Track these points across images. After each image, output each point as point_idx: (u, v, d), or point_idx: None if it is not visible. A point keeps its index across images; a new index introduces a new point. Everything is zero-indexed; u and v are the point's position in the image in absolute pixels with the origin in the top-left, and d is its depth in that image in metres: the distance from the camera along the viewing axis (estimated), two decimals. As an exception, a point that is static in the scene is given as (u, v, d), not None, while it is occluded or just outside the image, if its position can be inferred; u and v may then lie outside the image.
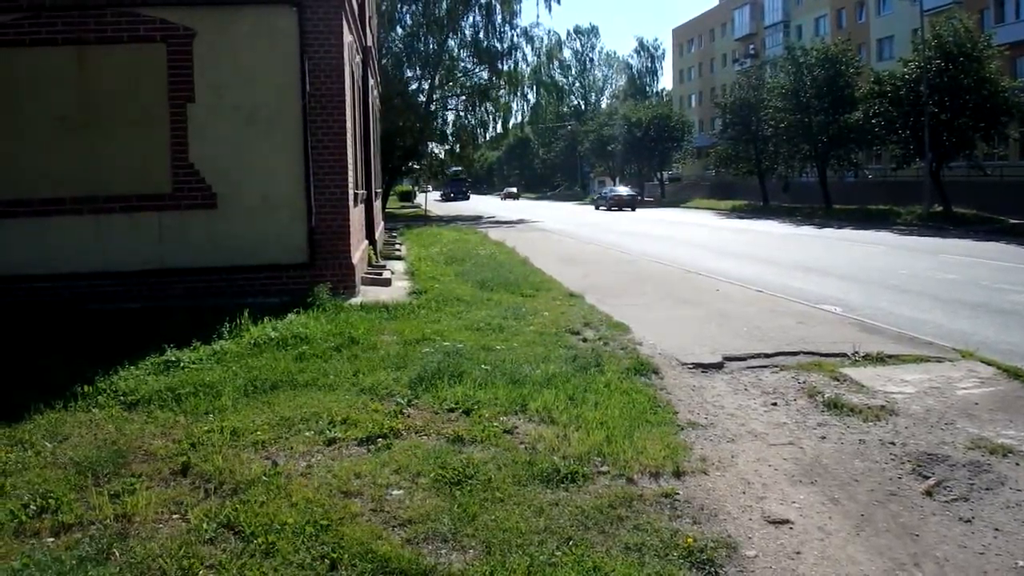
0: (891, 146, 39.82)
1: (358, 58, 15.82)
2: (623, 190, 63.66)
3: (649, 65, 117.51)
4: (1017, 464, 5.53)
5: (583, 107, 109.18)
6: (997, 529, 4.58)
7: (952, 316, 11.98)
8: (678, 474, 5.24)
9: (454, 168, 72.42)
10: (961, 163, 37.30)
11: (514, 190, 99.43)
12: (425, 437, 5.83)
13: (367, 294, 12.09)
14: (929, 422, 6.48)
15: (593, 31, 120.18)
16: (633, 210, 55.82)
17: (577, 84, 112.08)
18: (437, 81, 46.68)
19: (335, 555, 4.02)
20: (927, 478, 5.30)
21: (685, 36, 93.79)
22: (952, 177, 38.34)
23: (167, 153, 10.93)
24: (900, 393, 7.30)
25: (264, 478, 4.96)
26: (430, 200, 61.62)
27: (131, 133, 10.87)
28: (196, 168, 11.00)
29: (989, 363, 8.35)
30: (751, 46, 75.40)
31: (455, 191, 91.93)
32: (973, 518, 4.73)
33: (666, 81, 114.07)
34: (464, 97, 48.84)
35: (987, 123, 34.12)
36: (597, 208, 60.90)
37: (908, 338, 9.76)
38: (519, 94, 49.29)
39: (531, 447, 5.61)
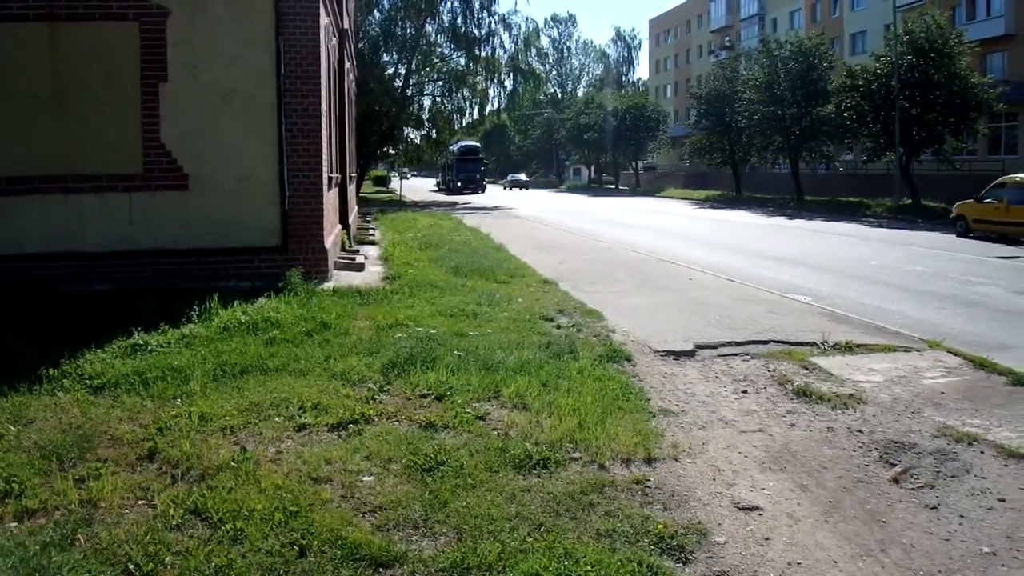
0: (862, 139, 40.11)
1: (334, 41, 15.68)
2: (522, 176, 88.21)
3: (626, 55, 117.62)
4: (982, 452, 5.60)
5: (560, 95, 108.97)
6: (962, 516, 4.64)
7: (920, 307, 12.10)
8: (649, 461, 5.27)
9: (463, 142, 65.30)
10: (930, 157, 37.65)
11: (522, 177, 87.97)
12: (397, 423, 5.80)
13: (340, 279, 12.03)
14: (896, 410, 6.55)
15: (571, 19, 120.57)
16: (526, 189, 78.99)
17: (554, 72, 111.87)
18: (414, 66, 46.37)
19: (304, 542, 3.99)
20: (894, 465, 5.36)
21: (662, 27, 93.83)
22: (921, 170, 38.73)
23: (139, 133, 10.79)
24: (868, 382, 7.38)
25: (233, 464, 4.92)
26: (423, 190, 65.23)
27: (103, 112, 10.71)
28: (168, 149, 10.86)
29: (955, 353, 8.46)
30: (727, 38, 75.61)
31: (465, 178, 67.18)
32: (939, 505, 4.79)
33: (642, 71, 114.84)
34: (441, 83, 48.54)
35: (956, 118, 34.43)
36: (504, 189, 79.41)
37: (876, 328, 9.86)
38: (496, 80, 49.08)
39: (504, 433, 5.61)
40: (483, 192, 65.68)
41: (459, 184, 67.23)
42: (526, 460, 5.08)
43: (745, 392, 7.04)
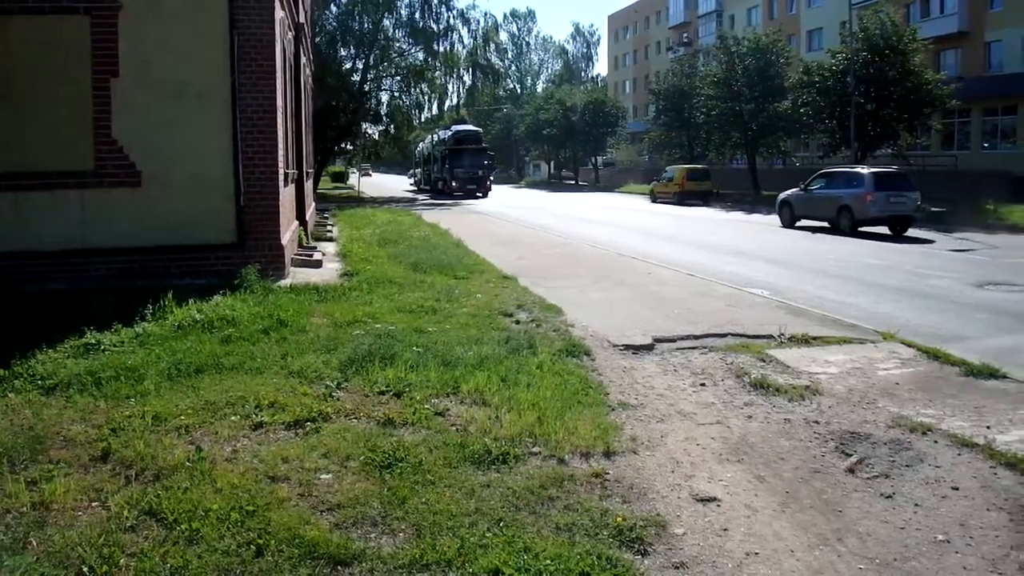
0: (818, 135, 40.67)
1: (290, 35, 15.52)
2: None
3: (585, 51, 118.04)
4: (936, 442, 5.68)
5: (519, 91, 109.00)
6: (917, 505, 4.70)
7: (875, 300, 12.27)
8: (609, 454, 5.28)
9: (460, 126, 54.06)
10: (885, 152, 38.21)
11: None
12: (355, 420, 5.76)
13: (297, 276, 11.91)
14: (852, 401, 6.63)
15: (530, 15, 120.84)
16: None
17: (513, 68, 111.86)
18: (372, 61, 46.10)
19: (261, 541, 3.94)
20: (850, 456, 5.42)
21: (621, 23, 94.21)
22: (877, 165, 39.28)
23: (90, 129, 10.55)
24: (824, 373, 7.46)
25: (188, 464, 4.84)
26: (393, 189, 61.68)
27: (53, 107, 10.45)
28: (120, 145, 10.65)
29: (910, 345, 8.58)
30: (685, 34, 76.07)
31: (464, 175, 49.98)
32: (894, 494, 4.85)
33: (601, 67, 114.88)
34: (399, 78, 48.29)
35: (911, 114, 35.00)
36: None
37: (832, 320, 9.97)
38: (455, 76, 49.15)
39: (463, 429, 5.59)
40: (487, 196, 48.61)
41: (453, 184, 49.29)
42: (485, 455, 5.07)
43: (703, 385, 7.08)
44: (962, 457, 5.41)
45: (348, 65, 45.74)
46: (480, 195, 49.25)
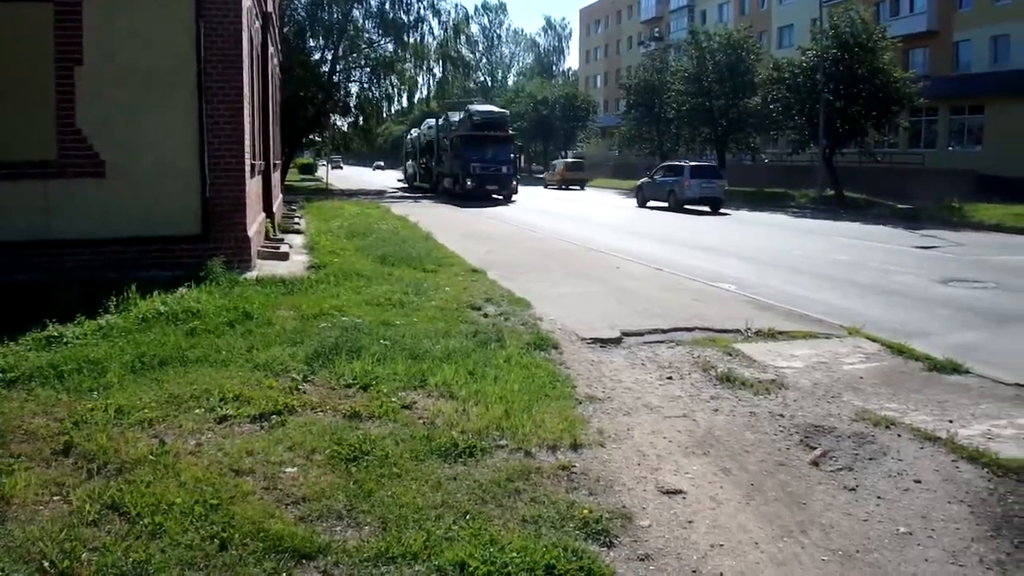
0: (787, 131, 40.98)
1: (257, 24, 15.36)
2: (381, 163, 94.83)
3: (556, 44, 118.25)
4: (899, 435, 5.74)
5: (490, 83, 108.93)
6: (880, 497, 4.75)
7: (841, 295, 12.40)
8: (575, 447, 5.28)
9: (479, 107, 43.75)
10: (853, 149, 38.59)
11: (382, 163, 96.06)
12: (321, 413, 5.71)
13: (264, 268, 11.81)
14: (817, 395, 6.69)
15: (501, 7, 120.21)
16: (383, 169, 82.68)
17: (484, 60, 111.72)
18: (341, 52, 45.80)
19: (225, 535, 3.90)
20: (814, 449, 5.46)
21: (592, 16, 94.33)
22: (845, 163, 39.71)
23: (52, 119, 10.38)
24: (790, 367, 7.52)
25: (151, 457, 4.78)
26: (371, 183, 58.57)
27: (14, 96, 10.27)
28: (84, 135, 10.49)
29: (874, 339, 8.67)
30: (656, 29, 76.36)
31: (485, 172, 37.45)
32: (857, 487, 4.89)
33: (572, 60, 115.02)
34: (369, 69, 48.07)
35: (879, 112, 35.37)
36: (374, 170, 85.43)
37: (799, 315, 10.06)
38: (425, 68, 48.87)
39: (430, 422, 5.57)
40: (511, 201, 37.28)
41: (468, 183, 37.02)
42: (452, 448, 5.05)
43: (670, 378, 7.11)
44: (925, 451, 5.46)
45: (317, 56, 45.45)
46: (503, 199, 36.91)
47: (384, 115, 53.47)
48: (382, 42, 47.55)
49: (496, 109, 45.04)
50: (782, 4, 58.31)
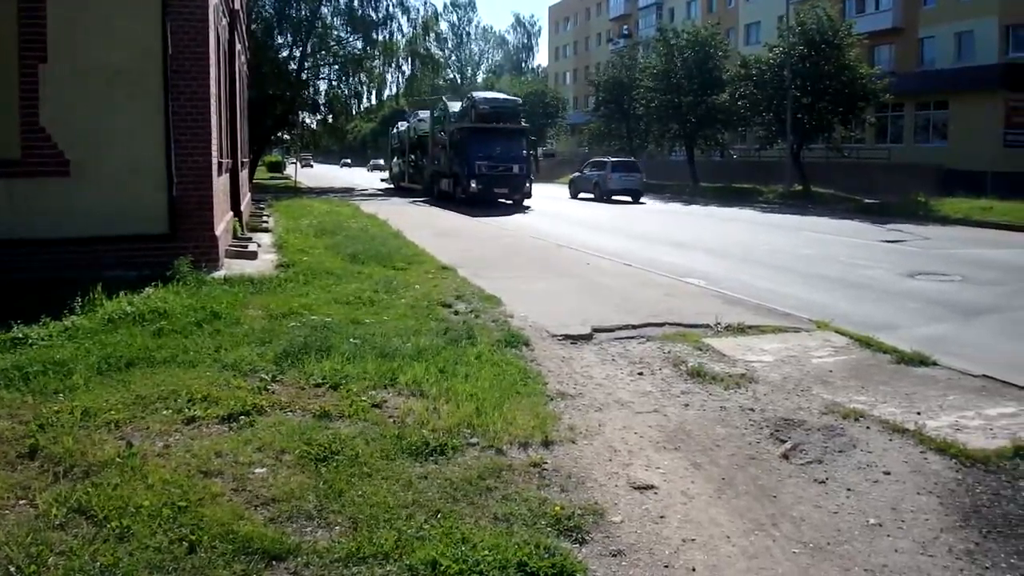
0: (755, 127, 41.31)
1: (224, 21, 15.22)
2: (380, 161, 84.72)
3: (525, 41, 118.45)
4: (868, 428, 5.79)
5: (459, 81, 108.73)
6: (849, 489, 4.79)
7: (810, 289, 12.49)
8: (547, 444, 5.27)
9: (484, 93, 37.60)
10: (820, 145, 38.90)
11: (380, 162, 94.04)
12: (290, 413, 5.66)
13: (232, 267, 11.70)
14: (786, 389, 6.73)
15: (470, 4, 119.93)
16: (383, 171, 73.36)
17: (453, 57, 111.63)
18: (309, 49, 45.51)
19: (194, 537, 3.85)
20: (784, 442, 5.50)
21: (561, 14, 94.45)
22: (812, 158, 40.03)
23: (16, 117, 10.20)
24: (759, 362, 7.56)
25: (118, 460, 4.71)
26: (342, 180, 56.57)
27: (-23, 94, 10.12)
28: (48, 133, 10.31)
29: (843, 333, 8.73)
30: (625, 27, 76.60)
31: (492, 172, 31.15)
32: (827, 479, 4.93)
33: (542, 58, 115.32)
34: (337, 67, 47.88)
35: (845, 108, 35.72)
36: (369, 171, 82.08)
37: (768, 310, 10.12)
38: (394, 65, 48.68)
39: (400, 421, 5.54)
40: (526, 207, 31.54)
41: (473, 185, 30.89)
42: (423, 447, 5.03)
43: (641, 374, 7.12)
44: (893, 443, 5.51)
45: (285, 53, 45.13)
46: (515, 203, 31.74)
47: (353, 113, 53.04)
48: (351, 39, 47.42)
49: (505, 96, 38.09)
50: (749, 2, 58.67)
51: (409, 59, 48.70)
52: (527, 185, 32.03)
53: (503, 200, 31.94)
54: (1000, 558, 4.01)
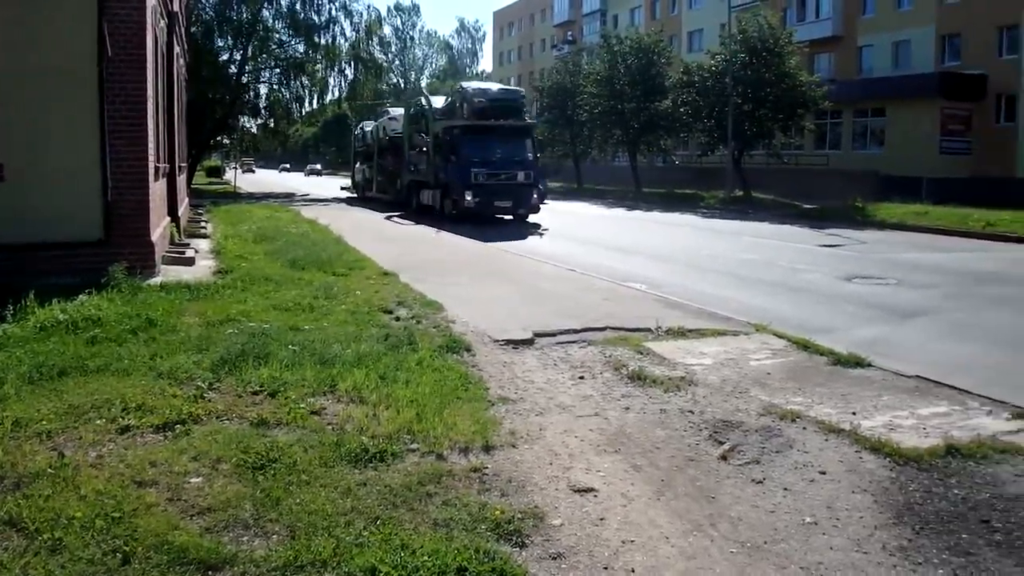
0: (697, 134, 41.78)
1: (163, 23, 14.97)
2: (317, 166, 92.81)
3: (470, 46, 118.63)
4: (804, 428, 5.89)
5: (403, 85, 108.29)
6: (786, 489, 4.87)
7: (750, 293, 12.67)
8: (487, 449, 5.27)
9: (478, 84, 33.29)
10: (761, 151, 39.51)
11: (317, 166, 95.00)
12: (227, 421, 5.58)
13: (168, 274, 11.49)
14: (725, 391, 6.82)
15: (414, 9, 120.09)
16: (320, 175, 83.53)
17: (397, 62, 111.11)
18: (250, 52, 44.94)
19: (128, 548, 3.78)
20: (723, 443, 5.57)
21: (506, 19, 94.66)
22: (752, 164, 40.67)
23: (-54, 121, 9.94)
24: (699, 364, 7.64)
25: (50, 470, 4.60)
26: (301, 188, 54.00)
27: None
28: (-20, 137, 10.06)
29: (781, 336, 8.88)
30: (569, 33, 76.93)
31: (499, 181, 25.27)
32: (764, 479, 5.00)
33: (486, 63, 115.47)
34: (279, 70, 47.34)
35: (785, 115, 36.35)
36: (307, 175, 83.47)
37: (708, 313, 10.23)
38: (336, 69, 48.31)
39: (339, 428, 5.50)
40: (539, 230, 24.53)
41: (468, 197, 25.16)
42: (362, 454, 4.99)
43: (582, 378, 7.16)
44: (829, 442, 5.62)
45: (225, 56, 44.52)
46: (519, 219, 26.50)
47: (295, 117, 52.52)
48: (292, 43, 46.88)
49: (504, 87, 33.21)
50: (692, 9, 59.43)
51: (352, 63, 48.40)
52: (535, 196, 26.28)
53: (503, 215, 26.35)
54: (932, 554, 4.11)
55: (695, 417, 6.13)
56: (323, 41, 46.19)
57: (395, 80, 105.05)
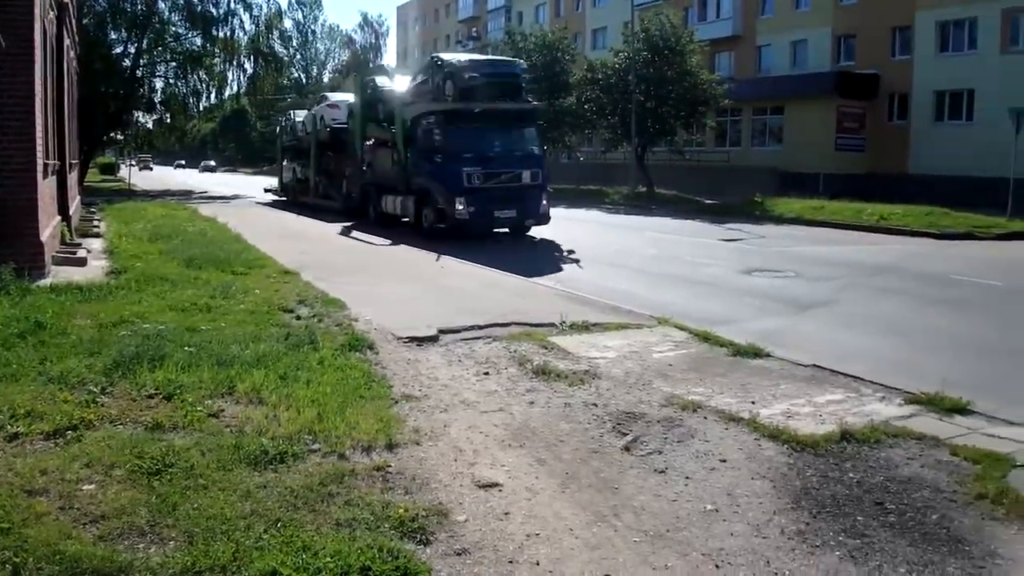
0: (601, 130, 42.19)
1: (52, 15, 14.38)
2: (211, 163, 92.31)
3: (373, 41, 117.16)
4: (705, 418, 6.04)
5: (304, 80, 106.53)
6: (688, 477, 4.97)
7: (654, 287, 12.90)
8: (391, 447, 5.24)
9: (469, 56, 24.73)
10: (663, 148, 40.13)
11: (212, 163, 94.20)
12: (121, 426, 5.40)
13: (59, 275, 11.06)
14: (628, 383, 6.93)
15: (316, 3, 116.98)
16: (214, 172, 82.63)
17: (298, 56, 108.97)
18: (145, 45, 43.43)
19: (18, 559, 3.64)
20: (626, 435, 5.66)
21: (410, 14, 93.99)
22: (655, 161, 41.25)
23: None
24: (603, 358, 7.74)
25: (-67, 481, 4.39)
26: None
27: None
28: None
29: (683, 328, 9.06)
30: (474, 29, 76.84)
31: (502, 185, 19.16)
32: (667, 469, 5.10)
33: (390, 58, 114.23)
34: (175, 64, 45.95)
35: (687, 112, 37.03)
36: (200, 172, 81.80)
37: (613, 308, 10.37)
38: (235, 63, 47.17)
39: (238, 430, 5.39)
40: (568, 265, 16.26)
41: (463, 208, 18.86)
42: (262, 456, 4.90)
43: (487, 374, 7.18)
44: (729, 431, 5.77)
45: (119, 50, 42.96)
46: (527, 228, 21.09)
47: (192, 112, 51.12)
48: (190, 36, 45.55)
49: (498, 58, 27.45)
50: (596, 7, 59.94)
51: (251, 57, 47.33)
52: (544, 202, 20.14)
53: (503, 229, 20.47)
54: (829, 536, 4.25)
55: (599, 410, 6.20)
56: (221, 34, 44.99)
57: (296, 75, 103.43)
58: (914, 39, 36.37)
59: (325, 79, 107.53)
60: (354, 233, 21.01)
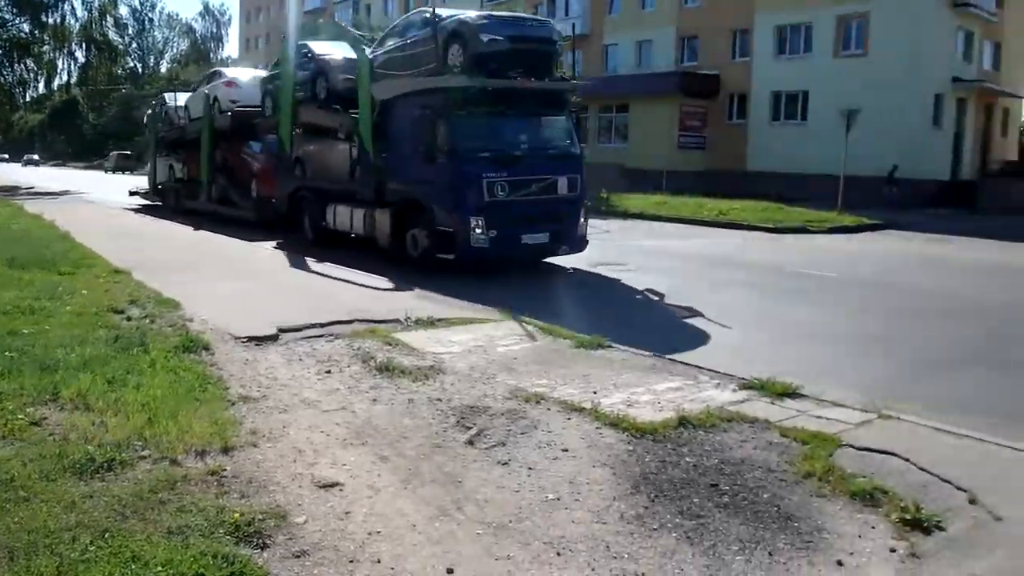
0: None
1: None
2: (35, 156, 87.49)
3: (215, 31, 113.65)
4: (548, 409, 6.14)
5: (141, 70, 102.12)
6: (530, 468, 5.05)
7: (496, 283, 12.96)
8: (226, 450, 5.09)
9: (490, 13, 15.54)
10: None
11: (35, 156, 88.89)
12: (-69, 438, 5.04)
13: None
14: (473, 378, 6.97)
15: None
16: (38, 167, 78.91)
17: (134, 45, 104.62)
18: (-34, 32, 40.78)
19: None
20: (469, 428, 5.69)
21: (254, 4, 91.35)
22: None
23: None
24: (448, 353, 7.76)
25: None
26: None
27: None
28: None
29: (528, 322, 9.18)
30: (321, 20, 75.48)
31: (534, 198, 13.26)
32: (510, 460, 5.16)
33: (232, 48, 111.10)
34: (0, 52, 43.21)
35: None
36: (23, 166, 78.16)
37: (458, 304, 10.39)
38: (67, 51, 44.94)
39: (63, 438, 5.11)
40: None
41: (485, 231, 12.85)
42: (88, 464, 4.67)
43: (329, 372, 7.07)
44: (572, 421, 5.88)
45: (-64, 35, 40.10)
46: (561, 255, 14.89)
47: (19, 102, 48.21)
48: (17, 21, 42.94)
49: (525, 16, 18.57)
50: (447, 2, 59.77)
51: (84, 45, 45.24)
52: (582, 220, 14.95)
53: (542, 253, 14.93)
54: (667, 519, 4.41)
55: (443, 405, 6.21)
56: (51, 20, 42.87)
57: (132, 64, 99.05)
58: (753, 41, 38.12)
59: (163, 69, 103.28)
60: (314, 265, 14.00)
